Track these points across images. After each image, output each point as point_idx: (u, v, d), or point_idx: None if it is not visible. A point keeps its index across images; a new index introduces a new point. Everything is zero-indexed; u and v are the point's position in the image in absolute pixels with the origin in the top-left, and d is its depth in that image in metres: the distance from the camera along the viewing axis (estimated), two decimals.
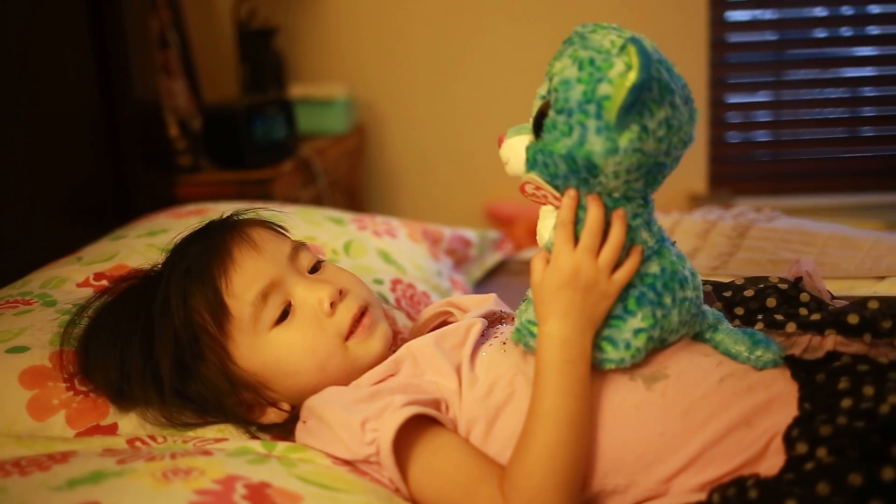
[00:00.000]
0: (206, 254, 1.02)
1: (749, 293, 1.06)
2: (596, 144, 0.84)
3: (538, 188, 0.91)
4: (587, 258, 0.90)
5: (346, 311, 1.03)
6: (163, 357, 0.99)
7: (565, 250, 0.90)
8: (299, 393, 1.01)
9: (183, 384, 1.01)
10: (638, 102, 0.82)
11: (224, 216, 1.10)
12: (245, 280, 1.00)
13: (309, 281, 1.04)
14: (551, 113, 0.87)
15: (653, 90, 0.84)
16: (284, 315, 1.01)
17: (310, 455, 0.94)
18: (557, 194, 0.90)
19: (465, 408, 0.95)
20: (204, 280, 1.00)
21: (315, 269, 1.08)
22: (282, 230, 1.12)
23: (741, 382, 0.91)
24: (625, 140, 0.84)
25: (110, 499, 0.78)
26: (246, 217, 1.10)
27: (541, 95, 0.91)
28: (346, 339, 1.02)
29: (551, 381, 0.89)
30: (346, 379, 1.02)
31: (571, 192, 0.89)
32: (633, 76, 0.81)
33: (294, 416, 1.02)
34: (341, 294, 1.03)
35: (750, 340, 0.94)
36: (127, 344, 1.01)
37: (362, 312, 1.04)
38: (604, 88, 0.83)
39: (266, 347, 1.00)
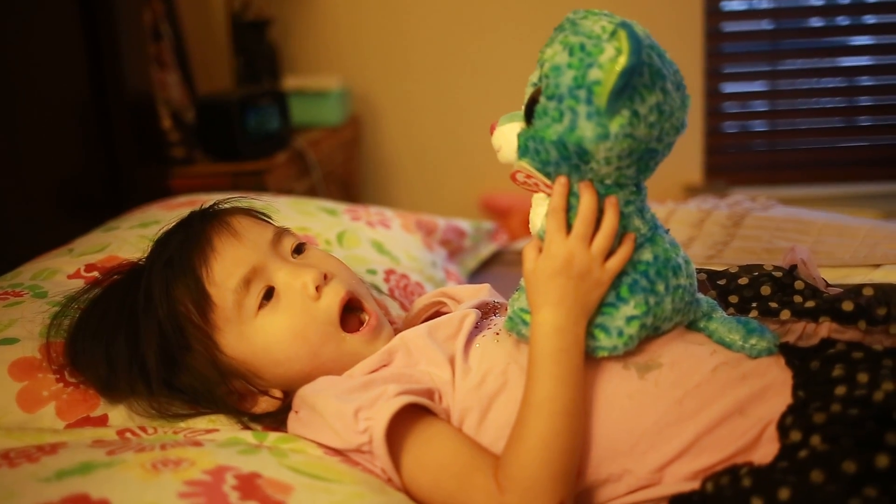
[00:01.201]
0: (187, 244, 1.02)
1: (743, 281, 1.06)
2: (587, 130, 0.83)
3: (529, 176, 0.90)
4: (580, 246, 0.89)
5: (334, 295, 1.02)
6: (149, 349, 0.99)
7: (558, 238, 0.90)
8: (291, 381, 1.01)
9: (171, 375, 1.00)
10: (628, 87, 0.82)
11: (204, 206, 1.09)
12: (226, 268, 1.00)
13: (292, 266, 1.03)
14: (542, 99, 0.86)
15: (644, 75, 0.83)
16: (270, 300, 1.01)
17: (301, 445, 0.93)
18: (548, 182, 0.90)
19: (459, 397, 0.95)
20: (185, 270, 1.00)
21: (300, 253, 1.07)
22: (264, 217, 1.11)
23: (735, 371, 0.91)
24: (616, 125, 0.83)
25: (99, 490, 0.77)
26: (227, 206, 1.10)
27: (532, 82, 0.91)
28: (348, 332, 1.02)
29: (545, 370, 0.88)
30: (339, 369, 1.01)
31: (562, 179, 0.88)
32: (623, 61, 0.80)
33: (287, 407, 1.02)
34: (326, 278, 1.03)
35: (744, 329, 0.94)
36: (113, 337, 1.01)
37: (350, 297, 1.03)
38: (594, 73, 0.82)
39: (253, 335, 1.00)
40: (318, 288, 1.01)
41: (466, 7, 2.86)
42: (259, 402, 1.03)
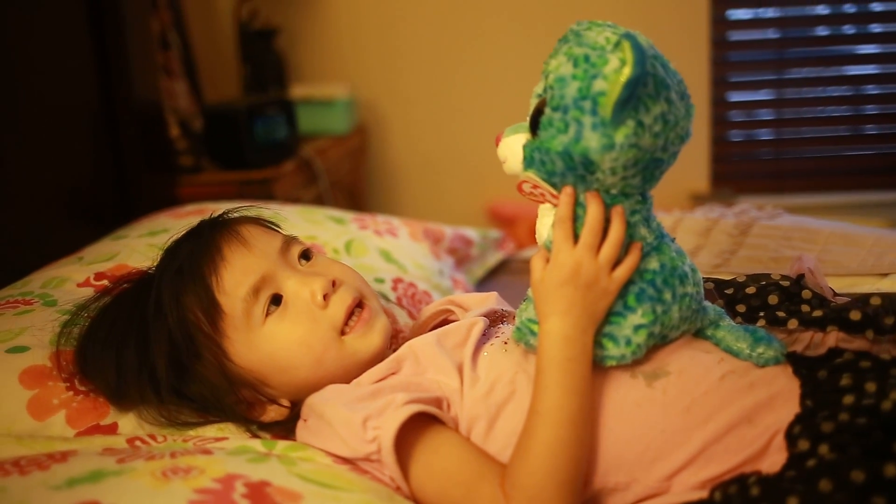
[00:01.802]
0: (197, 253, 1.02)
1: (751, 290, 1.06)
2: (592, 140, 0.84)
3: (535, 187, 0.91)
4: (588, 255, 0.89)
5: (340, 304, 1.02)
6: (159, 357, 0.99)
7: (565, 248, 0.90)
8: (297, 389, 1.01)
9: (181, 384, 1.01)
10: (633, 98, 0.82)
11: (213, 215, 1.10)
12: (236, 277, 1.00)
13: (301, 274, 1.04)
14: (547, 110, 0.87)
15: (648, 85, 0.84)
16: (277, 308, 1.01)
17: (310, 454, 0.93)
18: (555, 192, 0.90)
19: (467, 406, 0.95)
20: (195, 279, 1.00)
21: (308, 259, 1.07)
22: (273, 226, 1.12)
23: (743, 379, 0.91)
24: (621, 136, 0.83)
25: (109, 498, 0.78)
26: (236, 215, 1.10)
27: (537, 93, 0.91)
28: (344, 333, 1.02)
29: (553, 379, 0.89)
30: (344, 374, 1.01)
31: (568, 190, 0.89)
32: (627, 71, 0.80)
33: (295, 415, 1.02)
34: (334, 286, 1.03)
35: (752, 337, 0.94)
36: (123, 345, 1.01)
37: (357, 303, 1.04)
38: (599, 84, 0.83)
39: (261, 343, 1.00)
40: (325, 296, 1.02)
41: (472, 17, 2.87)
42: (267, 410, 1.03)
